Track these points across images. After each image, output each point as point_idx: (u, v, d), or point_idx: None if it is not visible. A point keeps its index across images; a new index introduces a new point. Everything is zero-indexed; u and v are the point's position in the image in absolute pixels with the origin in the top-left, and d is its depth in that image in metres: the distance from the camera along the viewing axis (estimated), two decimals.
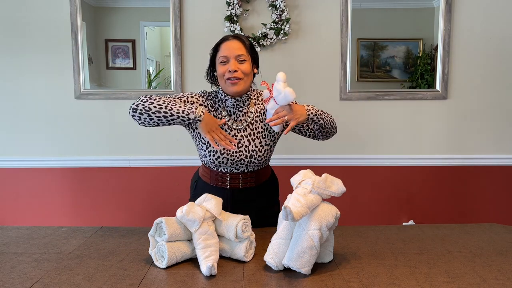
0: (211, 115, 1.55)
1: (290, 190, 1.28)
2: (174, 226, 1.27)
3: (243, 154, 1.56)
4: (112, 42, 2.59)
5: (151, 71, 2.67)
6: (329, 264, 1.28)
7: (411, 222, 2.65)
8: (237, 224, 1.28)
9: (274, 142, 1.65)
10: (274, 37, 2.49)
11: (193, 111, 1.46)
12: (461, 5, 2.52)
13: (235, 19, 2.49)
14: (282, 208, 1.17)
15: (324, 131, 1.62)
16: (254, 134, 1.59)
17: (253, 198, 1.63)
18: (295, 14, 2.53)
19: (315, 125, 1.59)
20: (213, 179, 1.62)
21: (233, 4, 2.45)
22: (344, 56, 2.54)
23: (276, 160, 1.94)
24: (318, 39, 2.55)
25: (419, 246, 1.43)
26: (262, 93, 1.64)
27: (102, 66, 2.61)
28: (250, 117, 1.60)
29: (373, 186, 2.65)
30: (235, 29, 2.47)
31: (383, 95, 2.58)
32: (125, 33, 2.60)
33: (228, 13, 2.47)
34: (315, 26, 2.54)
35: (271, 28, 2.48)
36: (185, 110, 1.46)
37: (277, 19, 2.48)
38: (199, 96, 1.61)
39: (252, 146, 1.57)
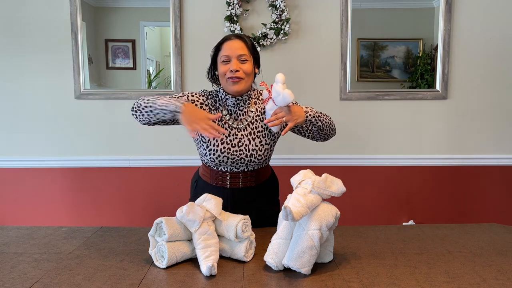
0: (196, 107, 1.50)
1: (290, 190, 1.28)
2: (174, 226, 1.26)
3: (243, 153, 1.57)
4: (112, 42, 2.59)
5: (151, 71, 2.67)
6: (329, 264, 1.28)
7: (411, 222, 2.65)
8: (237, 224, 1.28)
9: (274, 142, 1.65)
10: (274, 37, 2.49)
11: (175, 104, 1.43)
12: (461, 5, 2.52)
13: (235, 19, 2.49)
14: (282, 208, 1.17)
15: (322, 133, 1.62)
16: (254, 133, 1.59)
17: (253, 197, 1.63)
18: (295, 14, 2.53)
19: (313, 126, 1.59)
20: (213, 178, 1.62)
21: (233, 4, 2.45)
22: (344, 56, 2.54)
23: (276, 160, 1.94)
24: (318, 39, 2.55)
25: (419, 246, 1.43)
26: (262, 93, 1.64)
27: (102, 66, 2.61)
28: (250, 116, 1.60)
29: (373, 186, 2.65)
30: (235, 29, 2.47)
31: (383, 95, 2.58)
32: (125, 33, 2.60)
33: (228, 13, 2.47)
34: (315, 26, 2.54)
35: (271, 28, 2.48)
36: (168, 104, 1.44)
37: (277, 19, 2.47)
38: (200, 95, 1.61)
39: (252, 145, 1.58)
